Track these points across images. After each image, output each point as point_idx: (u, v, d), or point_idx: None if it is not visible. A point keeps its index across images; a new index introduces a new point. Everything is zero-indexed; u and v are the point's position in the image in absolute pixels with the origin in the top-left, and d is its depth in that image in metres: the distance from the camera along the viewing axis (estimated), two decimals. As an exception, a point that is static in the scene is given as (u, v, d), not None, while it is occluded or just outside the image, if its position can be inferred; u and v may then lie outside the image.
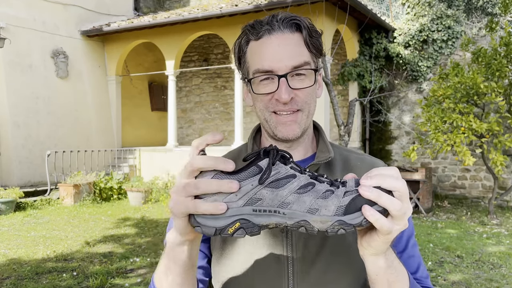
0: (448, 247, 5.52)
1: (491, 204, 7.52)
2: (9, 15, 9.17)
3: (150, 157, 10.32)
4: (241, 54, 0.93)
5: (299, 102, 0.89)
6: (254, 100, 0.94)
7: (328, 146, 0.97)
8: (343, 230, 0.64)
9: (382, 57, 9.76)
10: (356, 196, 0.64)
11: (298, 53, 0.87)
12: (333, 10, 8.10)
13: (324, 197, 0.65)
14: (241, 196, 0.64)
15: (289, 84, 0.86)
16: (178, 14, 9.79)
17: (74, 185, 8.59)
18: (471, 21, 9.30)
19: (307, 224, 0.64)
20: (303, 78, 0.88)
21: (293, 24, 0.88)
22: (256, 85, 0.90)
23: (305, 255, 0.89)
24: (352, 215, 0.64)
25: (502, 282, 4.27)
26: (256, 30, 0.89)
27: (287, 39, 0.87)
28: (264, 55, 0.87)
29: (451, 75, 7.06)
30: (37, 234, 6.19)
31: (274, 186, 0.65)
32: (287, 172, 0.66)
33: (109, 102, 11.11)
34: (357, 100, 5.55)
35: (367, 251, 0.71)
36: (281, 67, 0.86)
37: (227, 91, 12.23)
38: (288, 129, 0.89)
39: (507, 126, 7.94)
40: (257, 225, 0.65)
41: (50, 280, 4.30)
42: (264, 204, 0.65)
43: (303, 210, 0.64)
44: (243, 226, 0.65)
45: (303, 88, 0.88)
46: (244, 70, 0.93)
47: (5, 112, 9.11)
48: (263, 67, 0.87)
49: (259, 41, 0.89)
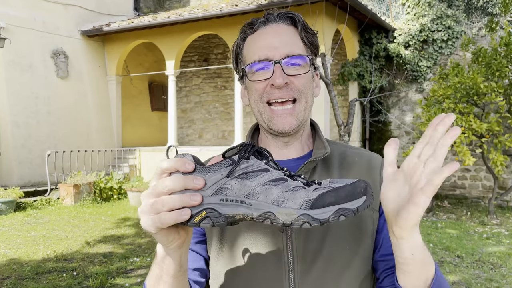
0: (448, 247, 5.52)
1: (491, 204, 7.52)
2: (9, 15, 9.17)
3: (150, 157, 10.32)
4: (238, 51, 0.94)
5: (294, 89, 0.88)
6: (249, 92, 0.94)
7: (325, 142, 0.96)
8: (308, 224, 0.63)
9: (382, 57, 9.76)
10: (326, 192, 0.63)
11: (293, 42, 0.89)
12: (333, 10, 8.10)
13: (293, 191, 0.64)
14: (210, 185, 0.65)
15: (284, 71, 0.87)
16: (178, 14, 9.79)
17: (74, 185, 8.59)
18: (471, 21, 9.31)
19: (272, 216, 0.63)
20: (298, 68, 0.89)
21: (288, 17, 0.90)
22: (251, 75, 0.90)
23: (305, 254, 0.88)
24: (319, 210, 0.62)
25: (502, 282, 4.28)
26: (252, 25, 0.91)
27: (282, 29, 0.89)
28: (259, 44, 0.89)
29: (451, 75, 7.06)
30: (37, 234, 6.19)
31: (244, 178, 0.65)
32: (260, 166, 0.66)
33: (109, 102, 11.11)
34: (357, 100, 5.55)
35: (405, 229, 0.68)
36: (275, 55, 0.87)
37: (227, 91, 12.23)
38: (284, 122, 0.89)
39: (507, 126, 7.93)
40: (223, 215, 0.64)
41: (50, 280, 4.30)
42: (231, 194, 0.64)
43: (269, 201, 0.64)
44: (210, 215, 0.64)
45: (298, 75, 0.88)
46: (240, 66, 0.94)
47: (5, 112, 9.11)
48: (259, 56, 0.88)
49: (255, 34, 0.91)
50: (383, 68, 9.88)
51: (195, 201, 0.64)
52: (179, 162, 0.65)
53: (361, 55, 9.76)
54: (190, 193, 0.64)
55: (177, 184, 0.64)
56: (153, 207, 0.65)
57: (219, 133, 12.55)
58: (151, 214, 0.65)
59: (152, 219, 0.65)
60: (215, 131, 12.59)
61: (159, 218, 0.64)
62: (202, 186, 0.64)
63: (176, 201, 0.64)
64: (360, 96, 9.67)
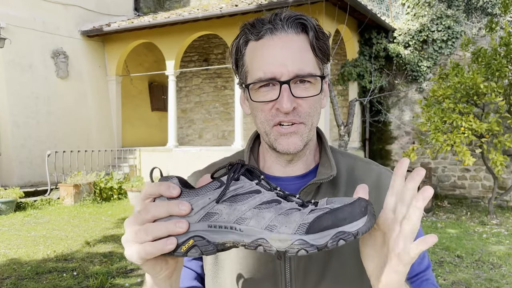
0: (448, 247, 5.52)
1: (491, 204, 7.53)
2: (9, 15, 9.17)
3: (150, 157, 10.33)
4: (238, 56, 0.83)
5: (302, 114, 0.79)
6: (253, 109, 0.83)
7: (331, 160, 0.87)
8: (304, 251, 0.57)
9: (382, 57, 9.77)
10: (323, 214, 0.57)
11: (303, 58, 0.78)
12: (333, 10, 8.11)
13: (286, 214, 0.58)
14: (197, 211, 0.59)
15: (292, 92, 0.77)
16: (178, 14, 9.79)
17: (74, 185, 8.59)
18: (471, 21, 9.31)
19: (265, 243, 0.58)
20: (307, 86, 0.79)
21: (298, 24, 0.79)
22: (254, 91, 0.80)
23: (305, 284, 0.82)
24: (316, 235, 0.56)
25: (502, 282, 4.28)
26: (256, 29, 0.79)
27: (291, 41, 0.78)
28: (265, 59, 0.78)
29: (451, 75, 7.07)
30: (37, 234, 6.19)
31: (233, 201, 0.59)
32: (250, 187, 0.61)
33: (109, 102, 11.11)
34: (357, 100, 5.56)
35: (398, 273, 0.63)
36: (283, 73, 0.77)
37: (227, 91, 12.23)
38: (289, 142, 0.80)
39: (507, 126, 7.94)
40: (212, 243, 0.59)
41: (50, 280, 4.30)
42: (219, 220, 0.59)
43: (260, 227, 0.58)
44: (197, 243, 0.59)
45: (307, 97, 0.79)
46: (242, 74, 0.84)
47: (5, 112, 9.11)
48: (264, 74, 0.78)
49: (259, 42, 0.79)
50: (383, 68, 9.88)
51: (180, 229, 0.59)
52: (163, 187, 0.60)
53: (361, 55, 9.76)
54: (176, 220, 0.59)
55: (161, 210, 0.59)
56: (137, 236, 0.60)
57: (219, 133, 12.56)
58: (135, 243, 0.61)
59: (137, 249, 0.60)
60: (215, 131, 12.60)
61: (144, 249, 0.60)
62: (188, 212, 0.59)
63: (160, 229, 0.59)
64: (360, 96, 9.68)
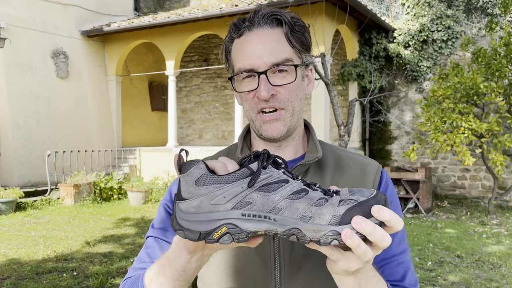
0: (448, 247, 5.52)
1: (491, 204, 7.53)
2: (9, 15, 9.17)
3: (150, 157, 10.32)
4: (227, 53, 0.92)
5: (281, 100, 0.87)
6: (241, 99, 0.92)
7: (317, 145, 0.94)
8: (337, 241, 0.60)
9: (382, 57, 9.76)
10: (352, 207, 0.61)
11: (278, 49, 0.86)
12: (333, 10, 8.11)
13: (318, 205, 0.61)
14: (230, 199, 0.60)
15: (270, 81, 0.85)
16: (178, 14, 9.79)
17: (74, 185, 8.60)
18: (471, 21, 9.31)
19: (299, 233, 0.60)
20: (285, 74, 0.87)
21: (273, 19, 0.87)
22: (238, 83, 0.89)
23: (292, 258, 0.87)
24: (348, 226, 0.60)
25: (502, 282, 4.28)
26: (237, 27, 0.89)
27: (267, 35, 0.86)
28: (244, 53, 0.87)
29: (451, 75, 7.07)
30: (37, 234, 6.19)
31: (266, 190, 0.61)
32: (279, 176, 0.62)
33: (109, 102, 11.11)
34: (357, 100, 5.55)
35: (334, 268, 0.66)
36: (260, 64, 0.85)
37: (227, 91, 12.23)
38: (272, 127, 0.88)
39: (507, 126, 7.94)
40: (245, 231, 0.60)
41: (50, 280, 4.30)
42: (254, 209, 0.60)
43: (295, 217, 0.60)
44: (230, 231, 0.60)
45: (284, 85, 0.86)
46: (230, 69, 0.93)
47: (5, 112, 9.11)
48: (244, 66, 0.86)
49: (240, 39, 0.88)
50: (383, 68, 9.88)
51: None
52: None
53: (361, 55, 9.76)
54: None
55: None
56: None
57: (219, 133, 12.56)
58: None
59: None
60: (215, 131, 12.60)
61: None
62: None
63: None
64: (360, 96, 9.67)
